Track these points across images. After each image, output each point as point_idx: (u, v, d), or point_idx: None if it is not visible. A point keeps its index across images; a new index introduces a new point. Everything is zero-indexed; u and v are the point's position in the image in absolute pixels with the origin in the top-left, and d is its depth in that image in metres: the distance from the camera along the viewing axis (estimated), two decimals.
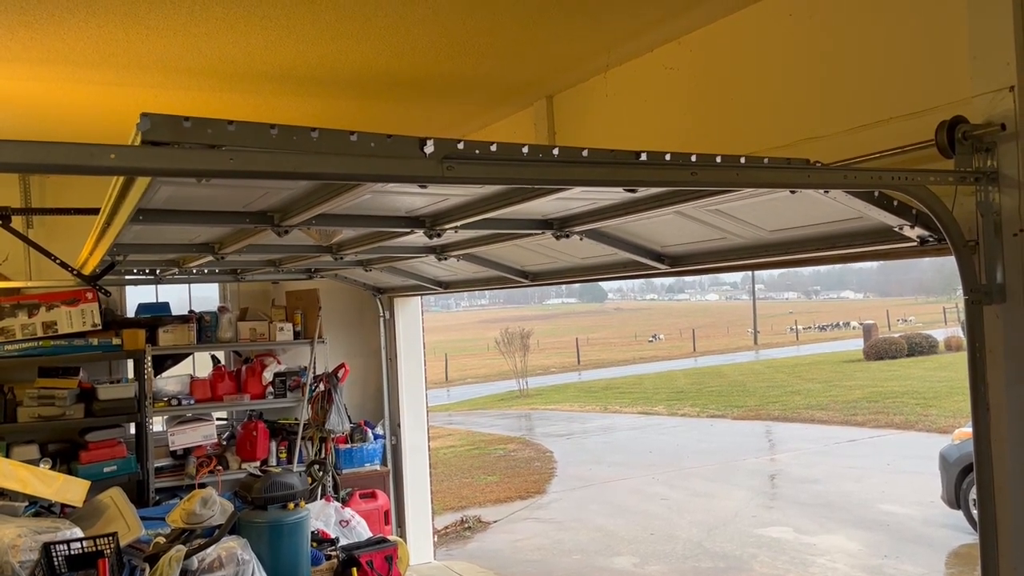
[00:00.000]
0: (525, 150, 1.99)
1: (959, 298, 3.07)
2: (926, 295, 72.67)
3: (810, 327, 54.58)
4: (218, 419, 7.41)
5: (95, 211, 3.13)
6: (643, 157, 2.13)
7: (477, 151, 1.91)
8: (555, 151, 2.03)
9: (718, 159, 2.22)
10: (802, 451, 15.26)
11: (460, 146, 1.88)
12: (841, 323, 54.80)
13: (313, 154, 1.74)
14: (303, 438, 7.16)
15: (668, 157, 2.15)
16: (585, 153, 2.06)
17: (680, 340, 49.72)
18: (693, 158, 2.18)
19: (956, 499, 9.08)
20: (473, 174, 1.95)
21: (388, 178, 2.11)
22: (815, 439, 16.36)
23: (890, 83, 3.10)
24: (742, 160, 2.26)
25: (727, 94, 3.91)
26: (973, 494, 8.64)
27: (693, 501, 11.68)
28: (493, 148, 1.93)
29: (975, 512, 3.90)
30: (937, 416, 17.59)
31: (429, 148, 1.84)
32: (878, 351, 29.97)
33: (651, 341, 51.72)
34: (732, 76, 3.87)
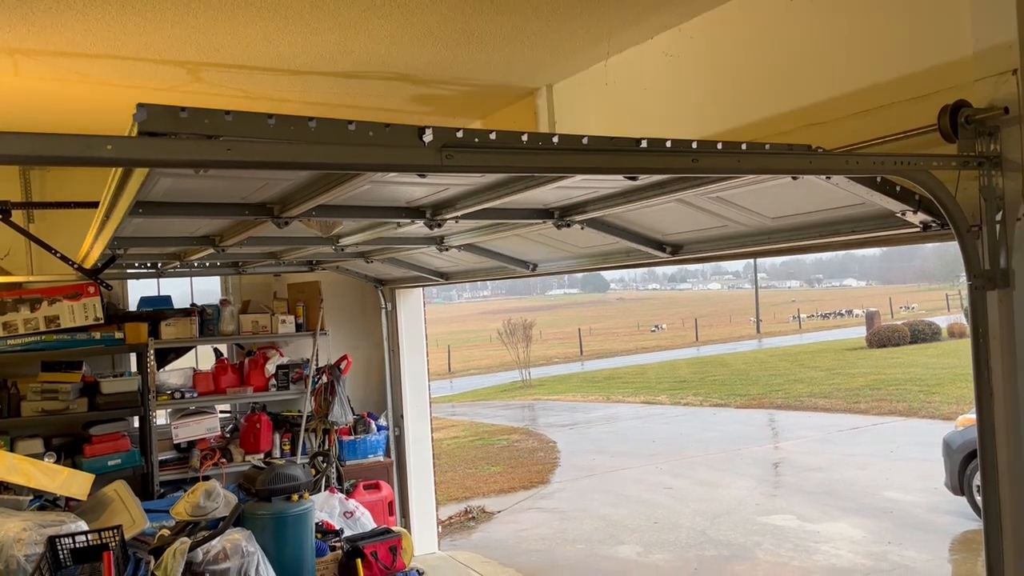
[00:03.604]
0: (525, 138, 1.98)
1: (961, 285, 3.07)
2: (928, 282, 72.72)
3: (813, 315, 54.61)
4: (221, 412, 7.43)
5: (95, 204, 3.12)
6: (644, 144, 2.11)
7: (476, 139, 1.90)
8: (555, 139, 2.02)
9: (719, 145, 2.21)
10: (805, 439, 15.26)
11: (459, 134, 1.87)
12: (844, 311, 54.79)
13: (311, 143, 1.73)
14: (306, 430, 7.17)
15: (669, 144, 2.14)
16: (585, 140, 2.05)
17: (683, 329, 49.73)
18: (694, 144, 2.17)
19: (960, 485, 9.08)
20: (472, 163, 1.94)
21: (387, 167, 2.10)
22: (818, 427, 16.37)
23: (892, 68, 3.07)
24: (743, 146, 2.25)
25: (728, 80, 3.88)
26: (977, 480, 8.65)
27: (696, 490, 11.69)
28: (492, 136, 1.92)
29: (979, 498, 3.91)
30: (940, 403, 17.59)
31: (428, 137, 1.83)
32: (881, 339, 29.97)
33: (654, 331, 51.74)
34: (732, 62, 3.85)
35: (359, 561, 5.10)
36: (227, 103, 5.13)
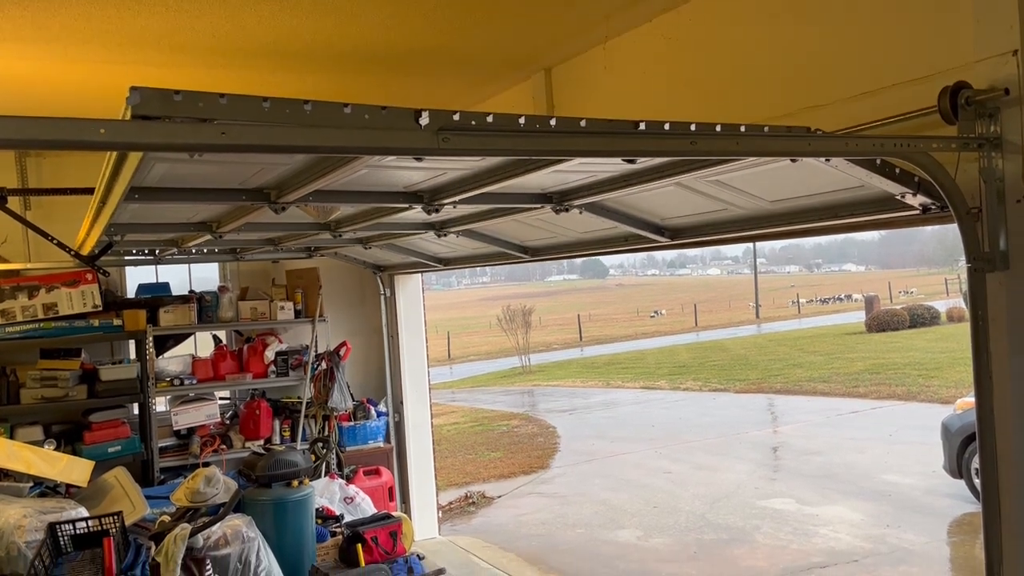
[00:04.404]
0: (522, 121, 1.96)
1: (961, 268, 3.05)
2: (928, 266, 72.79)
3: (812, 300, 54.68)
4: (221, 398, 7.43)
5: (91, 191, 3.11)
6: (642, 127, 2.10)
7: (473, 122, 1.88)
8: (552, 121, 2.00)
9: (718, 128, 2.19)
10: (804, 423, 15.30)
11: (456, 117, 1.85)
12: (843, 296, 54.82)
13: (306, 127, 1.72)
14: (306, 416, 7.18)
15: (667, 126, 2.12)
16: (583, 123, 2.03)
17: (682, 315, 49.78)
18: (692, 127, 2.15)
19: (958, 469, 9.11)
20: (469, 146, 1.92)
21: (383, 150, 2.08)
22: (817, 411, 16.41)
23: (892, 49, 3.05)
24: (742, 129, 2.23)
25: (727, 63, 3.86)
26: (975, 463, 8.67)
27: (696, 474, 11.73)
28: (489, 119, 1.90)
29: (977, 481, 3.93)
30: (939, 386, 17.62)
31: (424, 120, 1.81)
32: (880, 323, 29.99)
33: (653, 316, 51.80)
34: (732, 45, 3.82)
35: (359, 546, 5.11)
36: (223, 88, 5.09)
